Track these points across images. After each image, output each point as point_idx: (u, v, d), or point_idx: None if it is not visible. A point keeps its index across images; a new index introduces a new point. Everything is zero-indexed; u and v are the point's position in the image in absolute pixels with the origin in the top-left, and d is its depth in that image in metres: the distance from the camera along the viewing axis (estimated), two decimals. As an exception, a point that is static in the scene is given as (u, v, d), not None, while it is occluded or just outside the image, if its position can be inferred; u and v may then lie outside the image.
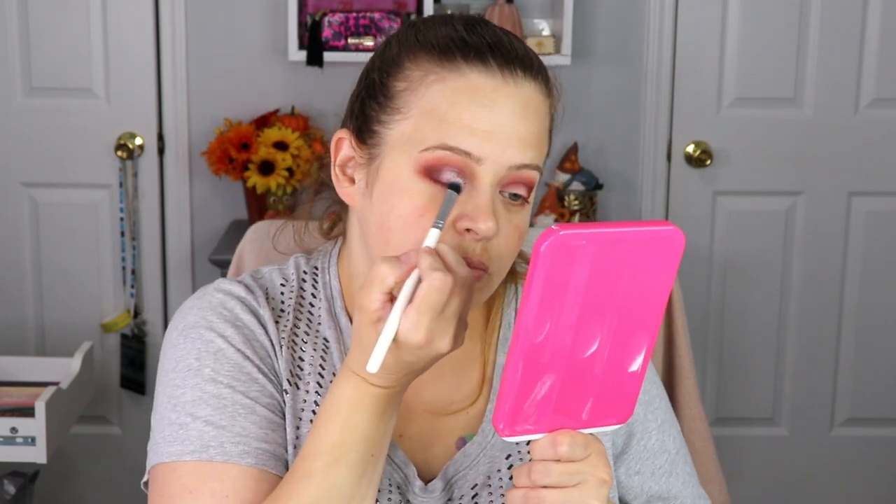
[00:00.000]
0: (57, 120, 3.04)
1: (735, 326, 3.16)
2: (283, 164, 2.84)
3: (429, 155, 1.04)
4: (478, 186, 1.04)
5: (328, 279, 1.19)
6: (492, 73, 1.05)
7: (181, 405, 1.09)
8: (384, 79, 1.09)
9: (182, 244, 3.10)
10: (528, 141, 1.05)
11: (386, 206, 1.06)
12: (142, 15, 3.01)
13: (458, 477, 1.13)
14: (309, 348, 1.15)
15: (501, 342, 1.20)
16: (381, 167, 1.07)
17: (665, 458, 1.22)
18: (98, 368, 3.05)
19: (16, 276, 3.09)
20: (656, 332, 0.91)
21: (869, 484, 3.27)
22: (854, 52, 3.06)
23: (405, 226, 1.04)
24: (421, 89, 1.06)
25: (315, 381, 1.13)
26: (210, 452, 1.06)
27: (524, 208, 1.08)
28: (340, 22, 2.86)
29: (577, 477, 0.93)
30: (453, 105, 1.04)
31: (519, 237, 1.08)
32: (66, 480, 3.21)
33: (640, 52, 3.07)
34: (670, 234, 0.86)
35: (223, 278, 1.20)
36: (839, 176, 3.12)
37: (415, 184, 1.04)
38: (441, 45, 1.07)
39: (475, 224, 1.03)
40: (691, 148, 3.10)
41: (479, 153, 1.03)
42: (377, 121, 1.08)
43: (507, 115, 1.04)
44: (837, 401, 3.23)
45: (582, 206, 2.97)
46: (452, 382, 1.17)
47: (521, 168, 1.05)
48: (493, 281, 1.08)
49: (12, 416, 2.39)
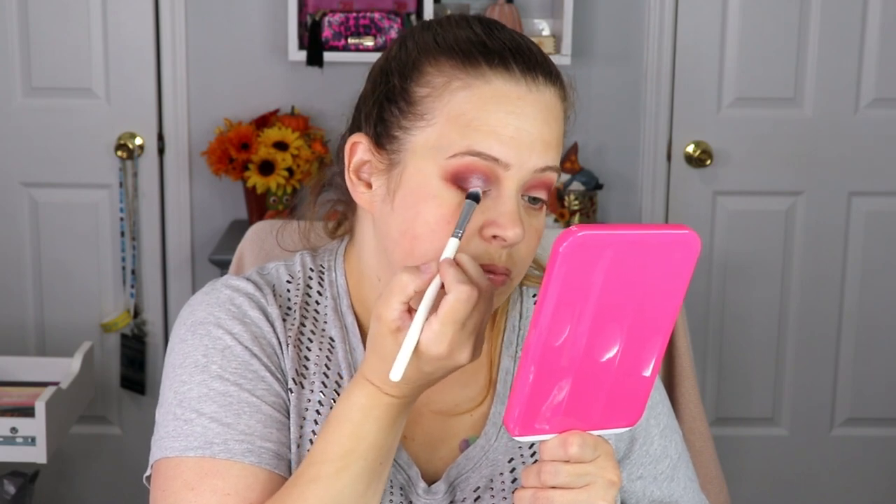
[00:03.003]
0: (57, 120, 3.04)
1: (735, 326, 3.16)
2: (283, 164, 2.84)
3: (456, 161, 1.04)
4: (504, 193, 1.04)
5: (334, 277, 1.19)
6: (516, 79, 1.05)
7: (187, 401, 1.09)
8: (405, 84, 1.08)
9: (182, 244, 3.10)
10: (551, 144, 1.07)
11: (411, 213, 1.06)
12: (142, 15, 3.01)
13: (461, 480, 1.13)
14: (315, 347, 1.15)
15: (506, 345, 1.20)
16: (405, 174, 1.07)
17: (667, 463, 1.22)
18: (98, 368, 3.05)
19: (16, 276, 3.09)
20: (668, 336, 0.91)
21: (869, 484, 3.27)
22: (854, 52, 3.06)
23: (432, 233, 1.04)
24: (445, 95, 1.06)
25: (320, 380, 1.13)
26: (214, 449, 1.06)
27: (542, 211, 1.09)
28: (340, 22, 2.86)
29: (586, 478, 0.93)
30: (480, 112, 1.04)
31: (538, 240, 1.09)
32: (66, 480, 3.21)
33: (640, 52, 3.07)
34: (687, 237, 0.86)
35: (231, 275, 1.20)
36: (839, 176, 3.12)
37: (442, 191, 1.04)
38: (463, 50, 1.07)
39: (503, 231, 1.03)
40: (691, 148, 3.10)
41: (506, 159, 1.04)
42: (398, 126, 1.08)
43: (531, 121, 1.05)
44: (837, 401, 3.23)
45: (582, 206, 2.97)
46: (459, 384, 1.17)
47: (545, 171, 1.06)
48: (513, 285, 1.09)
49: (12, 416, 2.39)
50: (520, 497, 0.94)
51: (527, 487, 0.94)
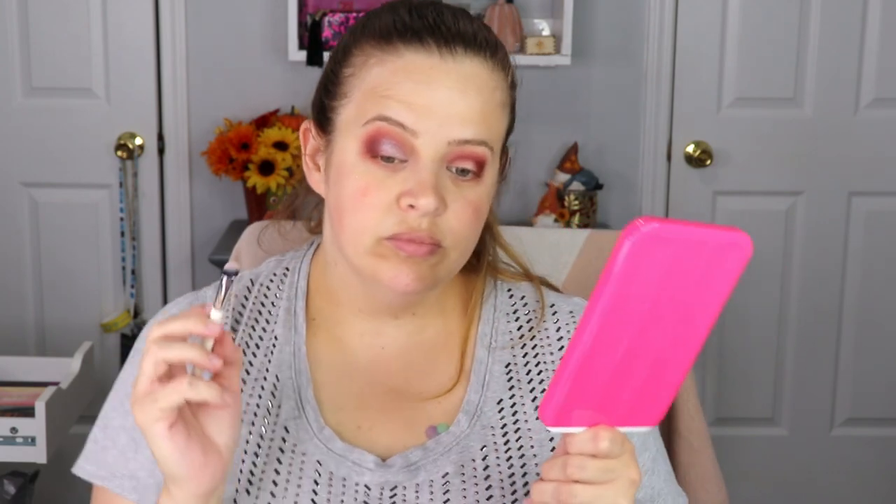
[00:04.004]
0: (57, 120, 3.04)
1: (735, 326, 3.16)
2: (283, 164, 2.85)
3: (367, 128, 1.07)
4: (418, 161, 1.06)
5: (296, 279, 1.21)
6: (429, 51, 1.07)
7: (110, 428, 1.17)
8: (335, 67, 1.13)
9: (182, 244, 3.10)
10: (470, 117, 1.07)
11: (337, 189, 1.10)
12: (142, 15, 3.01)
13: (426, 462, 1.12)
14: (260, 352, 1.17)
15: (480, 336, 1.19)
16: (334, 152, 1.12)
17: (647, 455, 1.21)
18: (98, 368, 3.05)
19: (16, 276, 3.09)
20: (704, 341, 0.90)
21: (869, 484, 3.27)
22: (854, 52, 3.06)
23: (353, 207, 1.08)
24: (363, 73, 1.09)
25: (260, 384, 1.15)
26: (113, 483, 1.15)
27: (478, 184, 1.09)
28: (340, 22, 2.86)
29: (611, 474, 0.92)
30: (391, 83, 1.07)
31: (473, 212, 1.09)
32: (66, 480, 3.20)
33: (640, 52, 3.07)
34: (743, 241, 0.85)
35: None
36: (839, 176, 3.12)
37: (358, 164, 1.08)
38: (382, 31, 1.10)
39: (415, 199, 1.05)
40: (691, 148, 3.10)
41: (414, 126, 1.06)
42: (329, 108, 1.13)
43: (445, 91, 1.06)
44: (837, 401, 3.23)
45: (582, 206, 2.97)
46: (424, 369, 1.18)
47: (465, 144, 1.07)
48: (451, 256, 1.10)
49: (12, 416, 2.39)
50: (540, 490, 0.93)
51: (547, 480, 0.93)
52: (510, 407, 1.16)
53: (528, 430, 1.15)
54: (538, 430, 1.15)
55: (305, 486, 1.10)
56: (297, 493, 1.10)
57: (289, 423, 1.13)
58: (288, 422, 1.13)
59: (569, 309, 1.23)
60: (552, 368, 1.19)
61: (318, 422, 1.13)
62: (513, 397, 1.17)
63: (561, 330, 1.21)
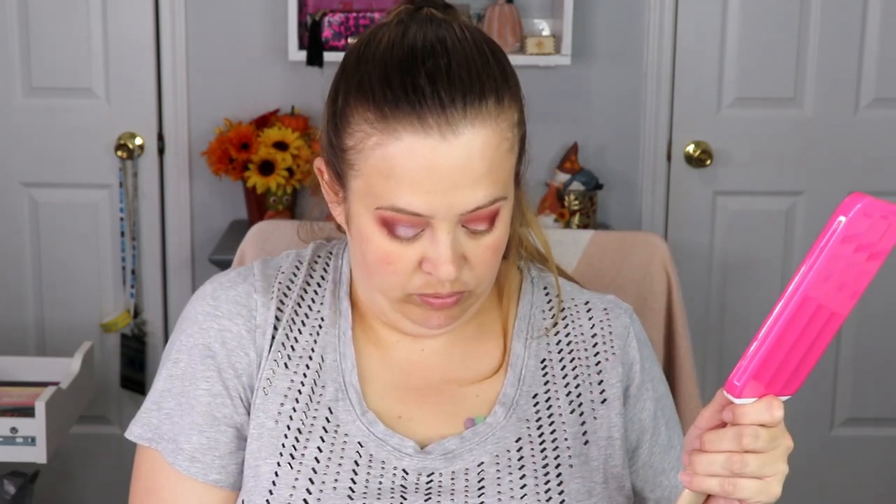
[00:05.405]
0: (57, 120, 3.04)
1: (735, 326, 3.16)
2: (283, 164, 2.85)
3: (384, 213, 1.08)
4: (435, 235, 1.08)
5: (340, 264, 1.25)
6: (428, 132, 1.05)
7: (155, 392, 1.21)
8: (338, 131, 1.12)
9: (182, 244, 3.10)
10: (479, 182, 1.07)
11: (360, 248, 1.13)
12: (142, 15, 3.01)
13: (463, 451, 1.16)
14: (306, 330, 1.20)
15: (517, 332, 1.23)
16: (351, 211, 1.14)
17: (673, 454, 1.26)
18: (98, 368, 3.05)
19: (16, 276, 3.09)
20: (846, 317, 0.93)
21: (869, 484, 3.27)
22: (854, 52, 3.06)
23: (378, 270, 1.12)
24: (365, 151, 1.08)
25: (304, 363, 1.18)
26: (163, 446, 1.17)
27: (493, 229, 1.11)
28: (340, 22, 2.86)
29: (776, 442, 0.99)
30: (394, 169, 1.06)
31: (493, 253, 1.12)
32: (66, 480, 3.21)
33: (640, 52, 3.07)
34: None
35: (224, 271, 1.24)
36: (839, 176, 3.12)
37: (377, 235, 1.10)
38: (378, 102, 1.06)
39: (436, 270, 1.08)
40: (691, 148, 3.10)
41: (426, 211, 1.06)
42: (340, 168, 1.13)
43: (448, 170, 1.05)
44: (837, 401, 3.23)
45: (582, 206, 2.97)
46: (463, 361, 1.21)
47: (476, 210, 1.08)
48: (479, 293, 1.15)
49: (12, 416, 2.39)
50: (709, 461, 0.97)
51: (715, 451, 0.96)
52: (545, 401, 1.20)
53: (563, 424, 1.19)
54: (571, 423, 1.19)
55: (346, 466, 1.14)
56: (338, 472, 1.13)
57: (332, 404, 1.16)
58: (332, 403, 1.17)
59: (603, 306, 1.27)
60: (586, 364, 1.22)
61: (360, 405, 1.17)
62: (547, 392, 1.21)
63: (595, 327, 1.25)
